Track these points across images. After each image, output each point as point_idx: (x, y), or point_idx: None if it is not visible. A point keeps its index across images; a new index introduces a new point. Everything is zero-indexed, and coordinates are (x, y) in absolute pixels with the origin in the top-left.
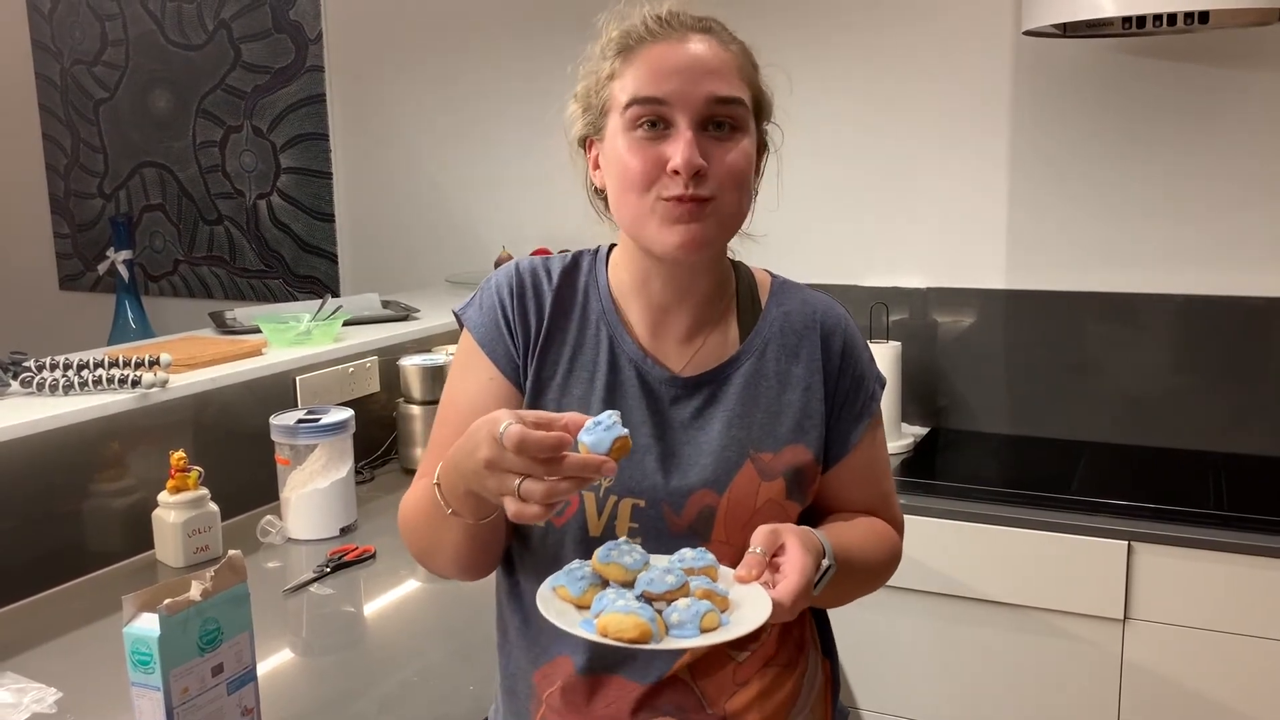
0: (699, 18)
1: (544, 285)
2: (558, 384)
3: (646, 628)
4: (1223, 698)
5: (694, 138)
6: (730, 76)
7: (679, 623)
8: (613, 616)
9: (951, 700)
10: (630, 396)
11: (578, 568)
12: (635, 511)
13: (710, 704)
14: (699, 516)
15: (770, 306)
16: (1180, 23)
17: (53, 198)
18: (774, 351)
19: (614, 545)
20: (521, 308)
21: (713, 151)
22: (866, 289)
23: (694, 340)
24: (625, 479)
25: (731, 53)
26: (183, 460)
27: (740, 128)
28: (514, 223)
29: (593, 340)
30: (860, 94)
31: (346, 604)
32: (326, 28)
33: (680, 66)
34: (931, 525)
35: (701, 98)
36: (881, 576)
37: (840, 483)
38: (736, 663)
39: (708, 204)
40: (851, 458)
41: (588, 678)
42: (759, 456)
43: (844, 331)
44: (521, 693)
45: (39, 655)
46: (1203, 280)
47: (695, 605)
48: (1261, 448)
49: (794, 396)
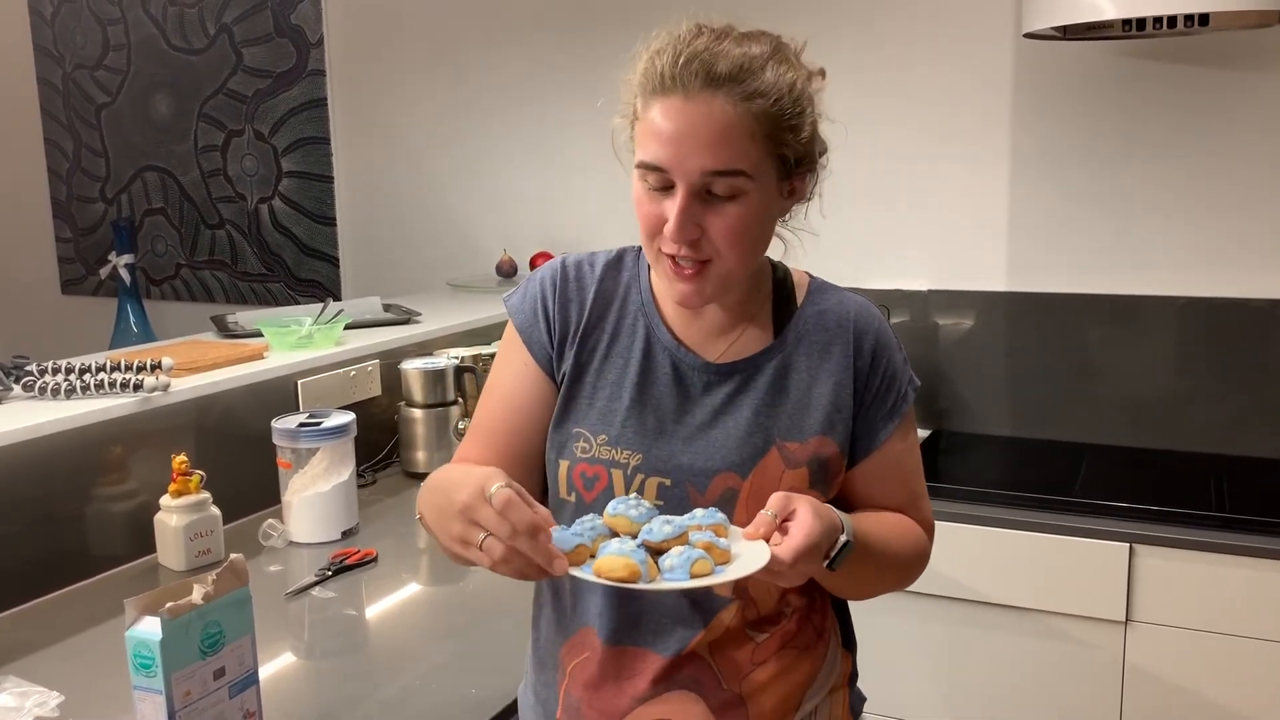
0: (714, 72)
1: (587, 279)
2: (595, 368)
3: (636, 568)
4: (1224, 700)
5: (687, 207)
6: (731, 145)
7: (670, 568)
8: (606, 558)
9: (953, 702)
10: (661, 383)
11: (589, 519)
12: (661, 490)
13: (727, 681)
14: (721, 498)
15: (806, 305)
16: (1180, 25)
17: (55, 202)
18: (806, 347)
19: (623, 499)
20: (563, 300)
21: (709, 217)
22: (868, 291)
23: (729, 333)
24: (653, 459)
25: (740, 113)
26: (184, 464)
27: (739, 193)
28: (515, 226)
29: (629, 330)
30: (861, 97)
31: (348, 607)
32: (328, 32)
33: (679, 134)
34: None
35: (696, 170)
36: (907, 571)
37: (867, 480)
38: (755, 643)
39: (707, 265)
40: (880, 455)
41: (613, 649)
42: (785, 445)
43: (876, 332)
44: (549, 664)
45: (41, 659)
46: (1204, 282)
47: (688, 552)
48: (1263, 450)
49: (823, 391)
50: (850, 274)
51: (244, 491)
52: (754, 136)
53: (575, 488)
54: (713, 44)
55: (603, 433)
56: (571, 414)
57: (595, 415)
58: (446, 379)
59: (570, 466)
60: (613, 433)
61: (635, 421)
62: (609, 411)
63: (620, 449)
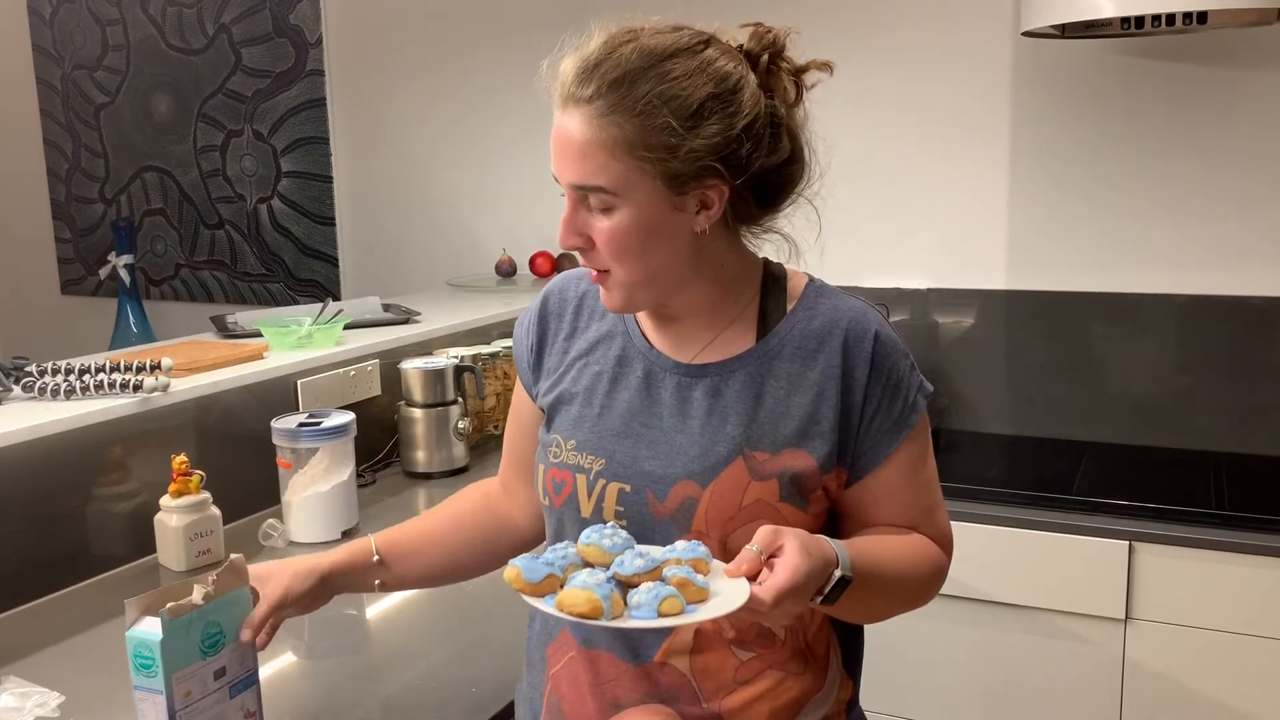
0: (572, 91)
1: (569, 294)
2: (573, 376)
3: (597, 604)
4: (1225, 697)
5: (569, 216)
6: (587, 161)
7: (638, 604)
8: (570, 591)
9: (953, 700)
10: (631, 386)
11: (563, 547)
12: (621, 495)
13: (707, 698)
14: (680, 506)
15: (797, 310)
16: (1179, 23)
17: (54, 202)
18: (790, 354)
19: (599, 528)
20: (541, 329)
21: (592, 224)
22: (867, 290)
23: (704, 336)
24: (615, 464)
25: (595, 130)
26: (184, 464)
27: (610, 205)
28: (515, 226)
29: (607, 337)
30: (859, 95)
31: (349, 607)
32: (327, 32)
33: (555, 146)
34: None
35: (565, 182)
36: (920, 593)
37: (874, 495)
38: (739, 661)
39: (609, 277)
40: (889, 468)
41: (587, 651)
42: (753, 455)
43: (873, 338)
44: (537, 665)
45: (42, 659)
46: (1204, 280)
47: (657, 589)
48: (1263, 447)
49: (802, 401)
50: (850, 273)
51: (244, 492)
52: (614, 154)
53: (548, 493)
54: (602, 53)
55: (572, 437)
56: (553, 420)
57: (569, 420)
58: (446, 379)
59: (545, 471)
60: (580, 437)
61: (601, 425)
62: (580, 418)
63: (584, 454)
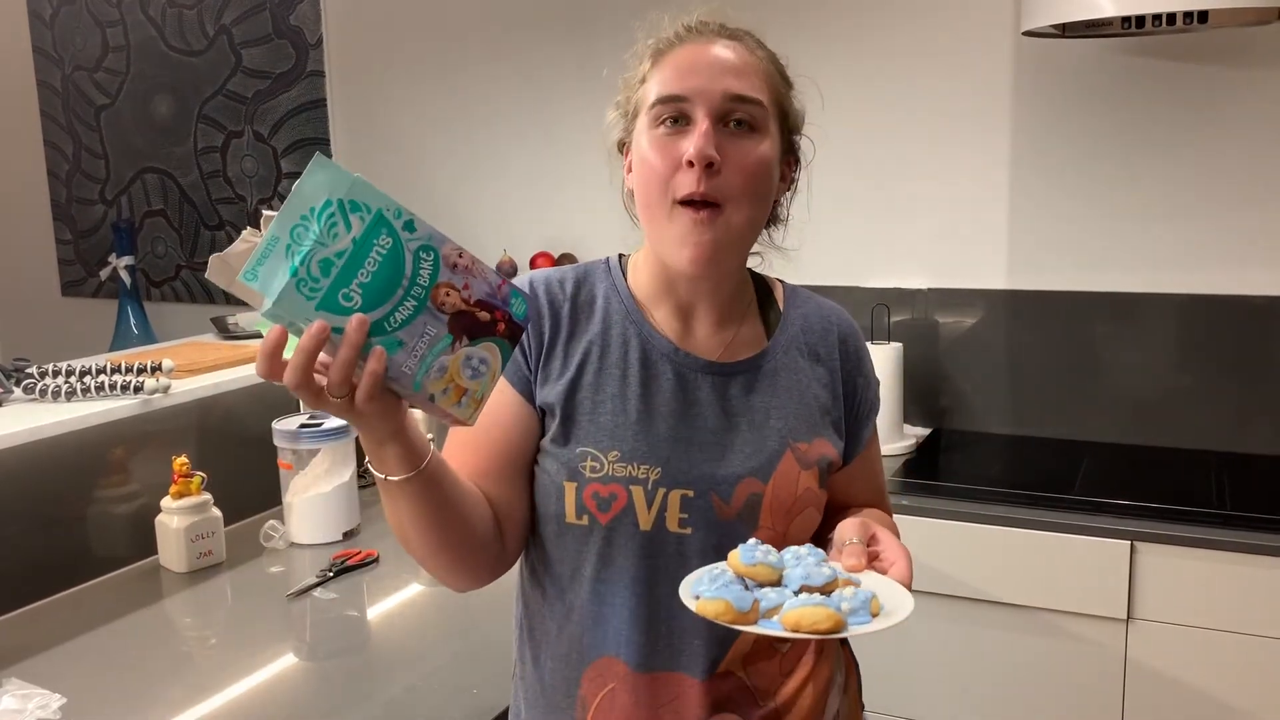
0: (729, 27)
1: (558, 296)
2: (590, 384)
3: (839, 618)
4: (1226, 697)
5: (710, 130)
6: (751, 78)
7: (850, 610)
8: (806, 610)
9: (954, 700)
10: (665, 389)
11: (721, 573)
12: (684, 502)
13: (763, 697)
14: (746, 504)
15: (789, 309)
16: (1179, 22)
17: (54, 204)
18: (797, 350)
19: (751, 547)
20: (540, 327)
21: (728, 148)
22: (868, 290)
23: (722, 334)
24: (673, 470)
25: (757, 58)
26: (185, 465)
27: (759, 129)
28: (514, 227)
29: (619, 340)
30: (860, 94)
31: (350, 608)
32: (327, 33)
33: (702, 66)
34: (934, 526)
35: (719, 92)
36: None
37: (852, 478)
38: (781, 653)
39: (719, 215)
40: (866, 453)
41: (644, 675)
42: (797, 445)
43: (856, 336)
44: (562, 704)
45: (43, 661)
46: (1205, 279)
47: (860, 593)
48: (1264, 447)
49: (818, 392)
50: (849, 272)
51: (245, 493)
52: (765, 77)
53: (588, 509)
54: (709, 15)
55: (614, 449)
56: (574, 434)
57: (602, 432)
58: None
59: (580, 488)
60: (625, 448)
61: (646, 433)
62: (616, 426)
63: (636, 464)
